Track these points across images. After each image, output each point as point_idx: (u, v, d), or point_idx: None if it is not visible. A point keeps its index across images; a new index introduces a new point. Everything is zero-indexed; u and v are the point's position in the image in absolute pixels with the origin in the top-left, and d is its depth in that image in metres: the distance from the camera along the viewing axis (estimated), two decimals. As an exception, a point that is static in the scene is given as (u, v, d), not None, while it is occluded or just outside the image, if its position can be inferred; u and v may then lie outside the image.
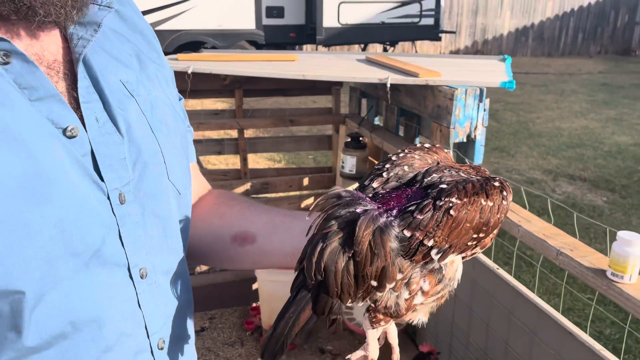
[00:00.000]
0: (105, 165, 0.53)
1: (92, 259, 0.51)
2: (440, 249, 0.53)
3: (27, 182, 0.46)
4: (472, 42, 14.00)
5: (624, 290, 1.13)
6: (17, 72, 0.49)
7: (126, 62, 0.60)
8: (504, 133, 6.32)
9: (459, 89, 1.90)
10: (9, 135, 0.46)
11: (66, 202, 0.49)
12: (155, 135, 0.61)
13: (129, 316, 0.56)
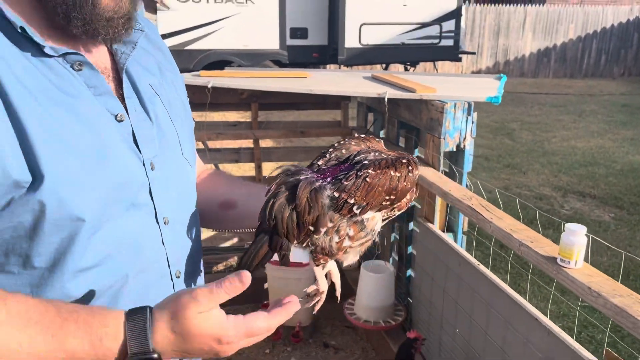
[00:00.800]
0: (142, 142, 0.75)
1: (131, 206, 0.73)
2: (360, 206, 0.75)
3: (94, 148, 0.68)
4: (494, 63, 14.13)
5: (569, 273, 1.31)
6: (87, 76, 0.71)
7: (151, 70, 0.83)
8: (518, 151, 6.45)
9: (449, 103, 2.11)
10: (83, 117, 0.68)
11: (117, 163, 0.71)
12: (173, 124, 0.84)
13: (156, 250, 0.78)
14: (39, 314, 0.61)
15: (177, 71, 0.92)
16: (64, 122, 0.65)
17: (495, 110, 9.24)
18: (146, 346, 0.62)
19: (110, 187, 0.70)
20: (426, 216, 2.30)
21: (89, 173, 0.67)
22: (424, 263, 2.32)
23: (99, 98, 0.71)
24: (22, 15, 0.66)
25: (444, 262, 2.12)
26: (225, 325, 0.66)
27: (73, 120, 0.67)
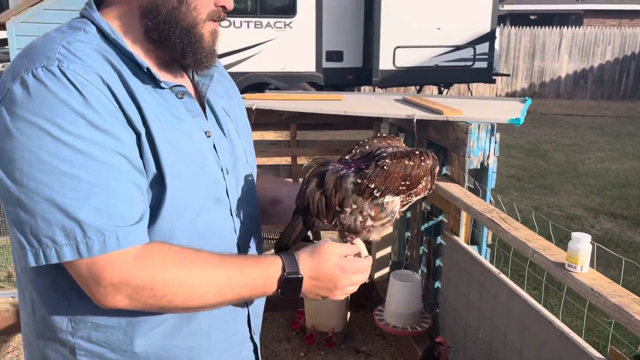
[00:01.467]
0: (220, 152, 0.96)
1: (217, 201, 0.94)
2: (379, 190, 0.92)
3: (196, 156, 0.90)
4: (529, 85, 14.13)
5: (575, 277, 1.46)
6: (186, 102, 0.92)
7: (222, 95, 1.04)
8: (551, 172, 6.50)
9: (473, 125, 2.28)
10: (187, 133, 0.90)
11: (210, 168, 0.92)
12: (240, 138, 1.05)
13: (231, 236, 0.98)
14: (219, 258, 0.87)
15: (239, 94, 1.14)
16: (177, 137, 0.87)
17: (529, 132, 9.28)
18: (296, 268, 0.88)
19: (206, 186, 0.91)
20: (452, 229, 2.46)
21: (194, 175, 0.89)
22: (450, 273, 2.47)
23: (195, 119, 0.93)
24: (134, 50, 0.89)
25: (467, 272, 2.27)
26: (344, 259, 0.91)
27: (183, 136, 0.88)
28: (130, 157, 0.81)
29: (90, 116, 0.77)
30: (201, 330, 0.93)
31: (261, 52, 8.83)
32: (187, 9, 0.88)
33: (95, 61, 0.81)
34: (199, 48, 0.91)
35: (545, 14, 17.85)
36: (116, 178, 0.78)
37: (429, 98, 2.94)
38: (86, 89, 0.78)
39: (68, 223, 0.75)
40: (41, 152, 0.75)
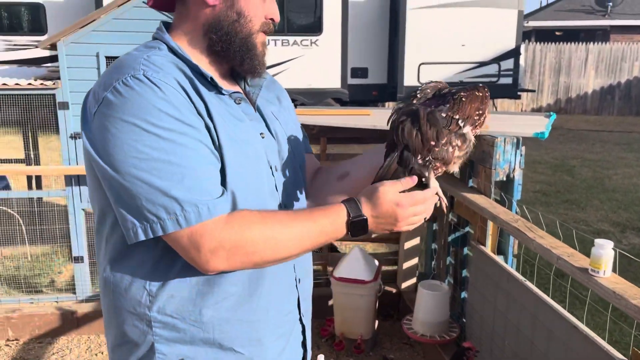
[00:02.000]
0: (269, 153, 1.08)
1: (269, 194, 1.06)
2: (462, 120, 1.03)
3: (253, 153, 1.02)
4: (555, 100, 14.06)
5: (598, 281, 1.53)
6: (243, 107, 1.06)
7: (272, 102, 1.17)
8: (578, 188, 6.48)
9: (499, 138, 2.37)
10: (246, 133, 1.02)
11: (262, 165, 1.05)
12: (287, 139, 1.16)
13: None
14: (294, 214, 1.01)
15: (289, 100, 1.26)
16: (237, 134, 1.00)
17: (556, 147, 9.25)
18: (359, 211, 0.99)
19: (262, 179, 1.05)
20: (479, 240, 2.53)
21: (252, 168, 1.02)
22: (477, 282, 2.54)
23: (251, 122, 1.07)
24: (199, 63, 1.03)
25: (494, 281, 2.34)
26: (400, 195, 0.99)
27: (242, 134, 1.02)
28: (207, 144, 0.95)
29: (172, 111, 0.91)
30: (261, 307, 1.05)
31: (288, 69, 9.03)
32: (245, 20, 1.03)
33: (172, 69, 0.97)
34: (254, 56, 1.05)
35: (571, 30, 17.79)
36: (200, 161, 0.92)
37: (456, 113, 3.03)
38: (167, 89, 0.92)
39: (167, 201, 0.89)
40: (137, 144, 0.89)
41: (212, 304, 1.00)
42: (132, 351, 1.02)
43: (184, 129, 0.92)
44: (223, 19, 1.02)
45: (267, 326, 1.07)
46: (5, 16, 8.73)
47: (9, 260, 3.80)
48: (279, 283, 1.09)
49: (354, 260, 2.91)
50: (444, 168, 1.06)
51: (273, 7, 1.08)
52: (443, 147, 1.02)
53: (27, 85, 2.89)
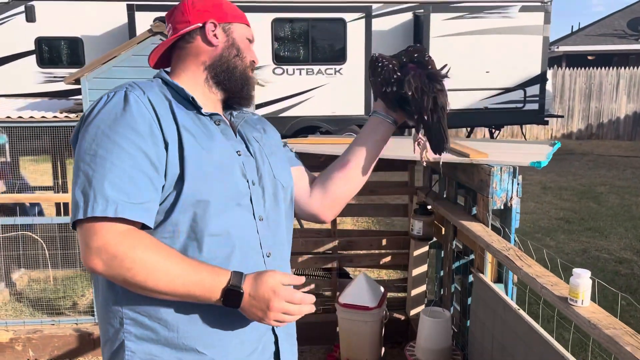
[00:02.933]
0: (247, 169, 1.21)
1: (237, 205, 1.17)
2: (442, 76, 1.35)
3: (222, 167, 1.14)
4: (586, 126, 13.83)
5: (575, 310, 1.56)
6: (222, 128, 1.22)
7: (256, 129, 1.34)
8: (602, 215, 6.36)
9: (495, 167, 2.41)
10: (218, 150, 1.16)
11: (233, 179, 1.16)
12: (268, 159, 1.29)
13: (252, 236, 1.19)
14: (183, 257, 1.06)
15: (275, 132, 1.44)
16: (205, 148, 1.13)
17: (584, 174, 9.10)
18: (240, 284, 1.05)
19: (227, 190, 1.15)
20: (478, 267, 2.56)
21: (217, 179, 1.13)
22: (477, 310, 2.55)
23: (229, 141, 1.21)
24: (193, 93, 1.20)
25: (492, 309, 2.36)
26: (280, 286, 1.06)
27: (213, 150, 1.15)
28: (151, 156, 1.06)
29: (130, 121, 1.07)
30: (223, 309, 1.09)
31: (312, 97, 9.22)
32: (242, 56, 1.28)
33: (151, 91, 1.14)
34: (250, 85, 1.29)
35: (603, 55, 17.55)
36: (133, 165, 1.04)
37: (460, 142, 3.08)
38: (136, 104, 1.09)
39: (88, 189, 1.01)
40: (92, 143, 1.05)
41: (175, 303, 1.08)
42: (110, 348, 1.13)
43: (131, 136, 1.05)
44: (226, 55, 1.26)
45: (229, 329, 1.14)
46: (46, 50, 9.22)
47: (35, 283, 3.98)
48: None
49: (359, 287, 2.96)
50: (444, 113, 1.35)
51: (254, 53, 1.32)
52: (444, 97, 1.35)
53: (52, 118, 3.09)
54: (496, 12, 9.31)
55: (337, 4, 9.20)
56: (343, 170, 1.40)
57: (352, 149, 1.42)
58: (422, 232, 3.01)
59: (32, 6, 8.91)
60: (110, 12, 8.95)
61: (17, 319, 3.35)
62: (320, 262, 3.39)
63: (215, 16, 1.25)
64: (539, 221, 6.09)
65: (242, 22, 1.30)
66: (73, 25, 9.03)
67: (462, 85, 9.36)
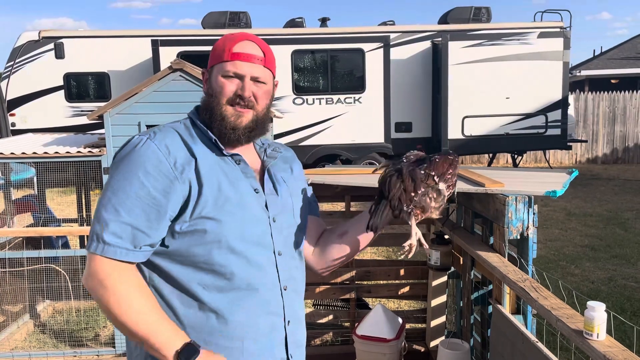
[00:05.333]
0: (270, 205, 1.31)
1: (256, 243, 1.26)
2: (437, 175, 1.31)
3: (238, 203, 1.24)
4: (611, 150, 13.61)
5: (590, 344, 1.53)
6: (242, 167, 1.30)
7: (284, 170, 1.44)
8: (630, 242, 6.21)
9: (510, 197, 2.40)
10: (237, 188, 1.26)
11: (251, 214, 1.26)
12: (292, 199, 1.40)
13: (272, 271, 1.29)
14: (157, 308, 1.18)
15: (300, 168, 1.53)
16: (223, 188, 1.23)
17: (610, 199, 8.92)
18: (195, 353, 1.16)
19: (246, 224, 1.25)
20: (496, 298, 2.52)
21: (235, 214, 1.24)
22: (497, 342, 2.51)
23: (248, 180, 1.30)
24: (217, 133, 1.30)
25: (511, 341, 2.32)
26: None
27: (232, 189, 1.25)
28: (160, 201, 1.18)
29: (144, 167, 1.19)
30: (236, 335, 1.24)
31: (332, 125, 9.30)
32: (212, 99, 1.31)
33: (169, 136, 1.25)
34: (221, 125, 1.29)
35: (627, 78, 17.36)
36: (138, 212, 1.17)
37: (476, 171, 3.08)
38: (154, 152, 1.20)
39: (96, 226, 1.17)
40: (109, 183, 1.20)
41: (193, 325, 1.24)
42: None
43: (143, 183, 1.18)
44: (206, 99, 1.34)
45: (241, 355, 1.25)
46: (74, 85, 9.54)
47: (59, 314, 4.05)
48: (258, 316, 1.27)
49: (376, 318, 2.94)
50: (423, 215, 1.33)
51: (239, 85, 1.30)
52: (422, 197, 1.30)
53: (76, 153, 3.19)
54: (515, 39, 9.34)
55: (356, 35, 9.35)
56: (339, 240, 1.45)
57: (352, 222, 1.47)
58: (440, 262, 2.99)
59: (61, 43, 9.27)
60: (135, 48, 9.25)
61: (40, 351, 3.41)
62: (338, 293, 3.38)
63: (208, 64, 1.35)
64: (563, 248, 5.97)
65: (219, 62, 1.31)
66: (100, 60, 9.35)
67: (483, 112, 9.35)
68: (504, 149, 10.28)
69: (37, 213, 4.13)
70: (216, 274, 1.23)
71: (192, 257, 1.22)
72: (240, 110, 1.30)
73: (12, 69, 9.22)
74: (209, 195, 1.20)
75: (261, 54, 1.33)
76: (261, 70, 1.32)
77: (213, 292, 1.23)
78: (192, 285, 1.23)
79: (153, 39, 8.90)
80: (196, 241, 1.21)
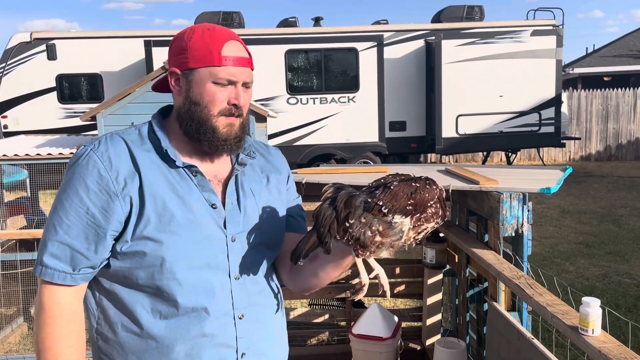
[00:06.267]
0: (229, 223, 1.17)
1: (206, 265, 1.14)
2: (386, 207, 1.04)
3: (192, 223, 1.12)
4: (605, 147, 13.69)
5: (585, 339, 1.53)
6: (198, 179, 1.16)
7: (255, 179, 1.26)
8: (623, 238, 6.24)
9: (505, 194, 2.40)
10: (189, 204, 1.13)
11: (203, 235, 1.14)
12: (261, 215, 1.23)
13: (226, 294, 1.16)
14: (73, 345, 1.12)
15: (281, 177, 1.33)
16: (173, 205, 1.12)
17: (603, 196, 8.96)
18: None
19: (197, 245, 1.13)
20: (492, 296, 2.53)
21: (183, 236, 1.12)
22: (493, 340, 2.51)
23: (204, 193, 1.16)
24: (173, 143, 1.18)
25: (507, 338, 2.32)
26: None
27: (180, 206, 1.13)
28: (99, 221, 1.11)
29: (85, 180, 1.11)
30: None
31: (326, 125, 9.30)
32: (200, 108, 1.17)
33: (114, 148, 1.14)
34: (213, 137, 1.17)
35: (619, 75, 17.45)
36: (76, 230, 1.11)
37: (470, 168, 3.08)
38: (95, 164, 1.11)
39: (41, 247, 1.14)
40: (57, 196, 1.15)
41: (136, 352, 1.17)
42: None
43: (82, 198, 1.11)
44: (183, 106, 1.18)
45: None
46: (66, 86, 9.50)
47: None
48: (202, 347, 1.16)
49: (371, 317, 2.94)
50: (364, 251, 1.08)
51: (233, 93, 1.18)
52: (360, 230, 1.06)
53: (69, 155, 3.17)
54: (508, 37, 9.36)
55: (349, 34, 9.35)
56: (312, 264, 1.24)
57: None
58: (435, 260, 2.99)
59: (53, 45, 9.22)
60: (128, 48, 9.21)
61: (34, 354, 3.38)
62: (333, 292, 3.38)
63: (178, 63, 1.18)
64: (557, 246, 5.99)
65: (205, 65, 1.16)
66: (92, 61, 9.31)
67: (477, 110, 9.37)
68: (498, 147, 10.31)
69: (30, 215, 4.10)
70: (159, 298, 1.13)
71: (135, 279, 1.13)
72: (232, 120, 1.18)
73: (4, 70, 9.16)
74: (152, 213, 1.10)
75: (247, 55, 1.21)
76: (250, 73, 1.21)
77: (156, 317, 1.14)
78: (136, 308, 1.14)
79: (146, 40, 8.87)
80: (137, 263, 1.12)
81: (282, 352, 1.32)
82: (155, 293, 1.13)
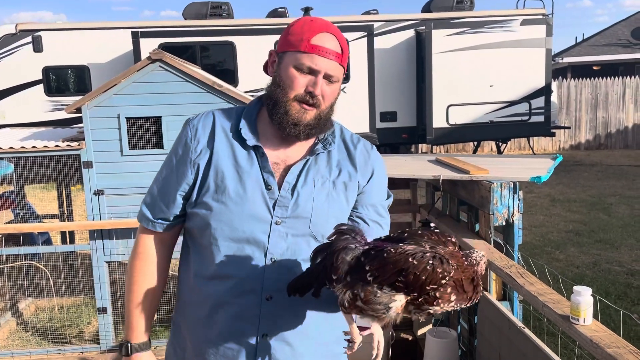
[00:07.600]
0: (278, 206, 1.21)
1: (246, 241, 1.21)
2: (372, 274, 0.93)
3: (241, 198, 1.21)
4: (594, 136, 13.76)
5: (577, 329, 1.52)
6: (262, 160, 1.22)
7: (326, 171, 1.26)
8: (613, 226, 6.28)
9: (495, 183, 2.39)
10: (246, 181, 1.21)
11: (249, 212, 1.20)
12: (313, 206, 1.22)
13: (256, 274, 1.21)
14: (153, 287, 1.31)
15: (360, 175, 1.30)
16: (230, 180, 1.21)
17: (593, 185, 9.02)
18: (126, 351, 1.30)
19: (235, 222, 1.21)
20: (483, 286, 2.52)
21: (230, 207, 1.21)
22: (484, 329, 2.51)
23: (264, 174, 1.22)
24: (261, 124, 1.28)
25: (498, 327, 2.32)
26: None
27: (236, 182, 1.21)
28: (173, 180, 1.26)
29: (179, 145, 1.28)
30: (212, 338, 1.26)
31: (317, 116, 9.23)
32: (279, 89, 1.22)
33: (204, 121, 1.28)
34: (283, 119, 1.21)
35: (609, 64, 17.51)
36: (166, 186, 1.28)
37: (461, 158, 3.07)
38: (185, 134, 1.28)
39: (144, 197, 1.33)
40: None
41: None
42: None
43: (175, 159, 1.27)
44: (270, 85, 1.26)
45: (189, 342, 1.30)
46: (53, 79, 9.36)
47: (42, 311, 3.98)
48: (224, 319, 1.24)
49: (363, 308, 2.93)
50: (345, 310, 1.00)
51: (312, 81, 1.20)
52: (342, 288, 0.98)
53: (54, 147, 3.12)
54: (497, 27, 9.34)
55: (339, 24, 9.24)
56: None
57: None
58: (426, 250, 2.98)
59: (39, 36, 9.07)
60: (115, 40, 9.09)
61: (23, 349, 3.35)
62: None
63: (277, 46, 1.26)
64: (548, 234, 6.02)
65: (293, 50, 1.19)
66: (79, 53, 9.17)
67: (467, 100, 9.36)
68: (489, 137, 10.32)
69: (17, 209, 4.05)
70: (203, 260, 1.25)
71: (195, 238, 1.27)
72: (306, 108, 1.20)
73: (-11, 63, 9.01)
74: (212, 182, 1.22)
75: (339, 50, 1.21)
76: (336, 68, 1.21)
77: (197, 276, 1.26)
78: (190, 265, 1.28)
79: (133, 31, 8.74)
80: (195, 224, 1.25)
81: (315, 350, 1.28)
82: (202, 254, 1.25)
